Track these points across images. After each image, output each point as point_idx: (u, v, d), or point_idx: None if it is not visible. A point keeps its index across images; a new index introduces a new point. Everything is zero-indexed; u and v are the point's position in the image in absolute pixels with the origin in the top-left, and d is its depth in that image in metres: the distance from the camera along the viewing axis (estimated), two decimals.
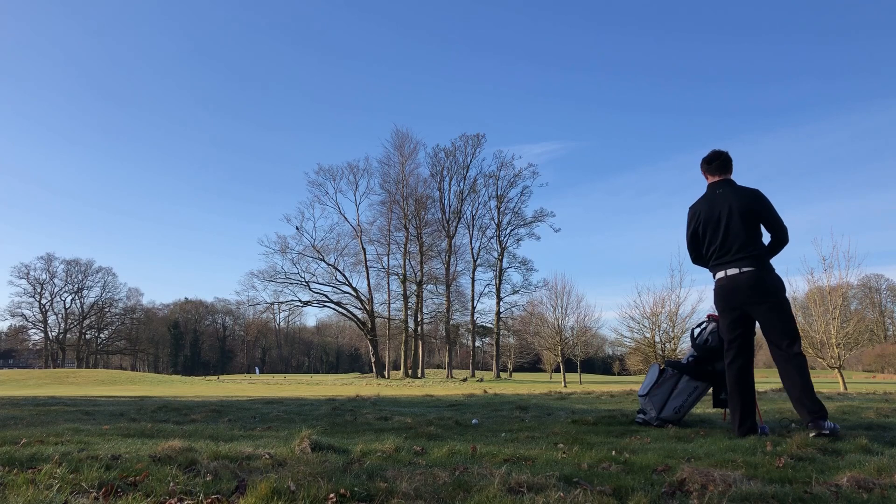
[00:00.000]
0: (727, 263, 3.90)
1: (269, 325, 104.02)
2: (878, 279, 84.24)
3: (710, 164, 4.16)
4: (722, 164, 4.12)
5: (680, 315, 30.92)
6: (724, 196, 3.98)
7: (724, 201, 3.96)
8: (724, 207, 3.93)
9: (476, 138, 56.68)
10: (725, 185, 4.06)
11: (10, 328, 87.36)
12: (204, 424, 4.82)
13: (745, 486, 2.24)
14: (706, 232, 4.01)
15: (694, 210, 4.14)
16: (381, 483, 2.20)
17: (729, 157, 4.15)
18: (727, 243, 3.90)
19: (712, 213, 3.97)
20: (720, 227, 3.92)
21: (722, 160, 4.12)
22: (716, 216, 3.95)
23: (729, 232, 3.89)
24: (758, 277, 3.82)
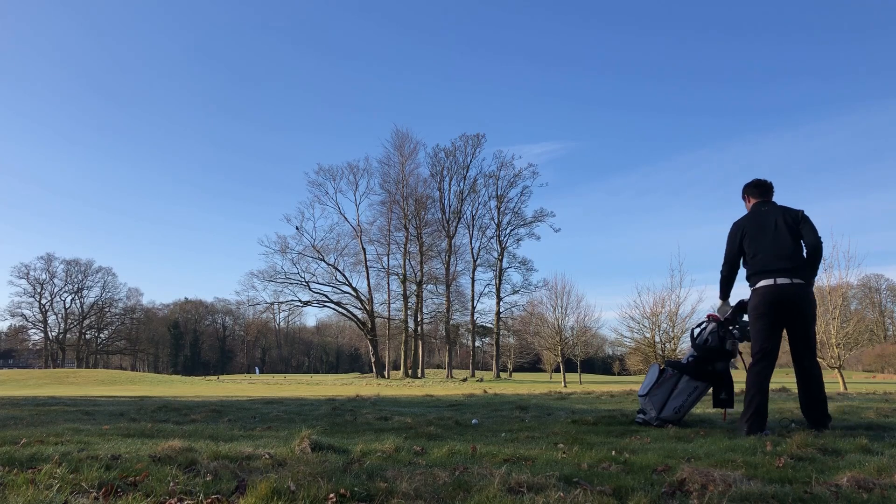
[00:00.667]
0: (776, 272, 4.05)
1: (269, 325, 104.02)
2: (878, 279, 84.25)
3: (755, 188, 4.42)
4: (766, 189, 4.38)
5: (680, 315, 30.93)
6: (771, 211, 4.23)
7: (771, 216, 4.19)
8: (772, 220, 4.16)
9: (476, 138, 56.72)
10: (771, 203, 4.32)
11: (10, 328, 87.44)
12: (204, 424, 4.82)
13: (745, 486, 2.24)
14: (752, 241, 4.17)
15: (738, 225, 4.31)
16: (381, 483, 2.20)
17: (772, 184, 4.43)
18: (776, 252, 4.08)
19: (759, 225, 4.18)
20: (767, 238, 4.12)
21: (766, 186, 4.39)
22: (763, 227, 4.16)
23: (777, 242, 4.08)
24: (806, 291, 4.06)
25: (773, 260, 4.05)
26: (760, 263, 4.09)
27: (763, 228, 4.15)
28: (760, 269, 4.10)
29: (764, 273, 4.07)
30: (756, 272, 4.13)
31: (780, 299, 4.00)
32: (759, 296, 4.08)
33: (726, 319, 4.64)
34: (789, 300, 4.00)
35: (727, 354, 4.60)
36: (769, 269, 4.05)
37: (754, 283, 4.14)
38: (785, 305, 4.01)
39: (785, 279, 3.99)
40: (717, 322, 4.68)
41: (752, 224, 4.22)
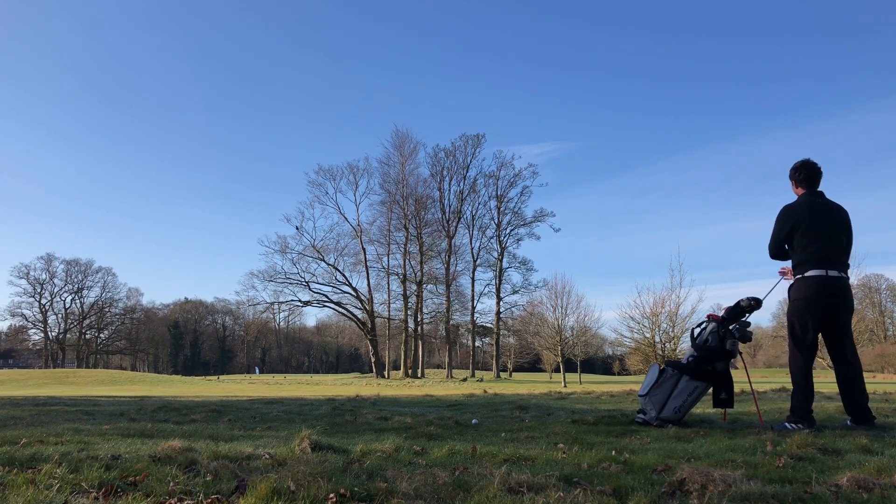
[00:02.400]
0: (831, 264, 4.22)
1: (269, 325, 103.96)
2: (878, 279, 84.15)
3: (806, 180, 4.47)
4: (817, 179, 4.46)
5: (680, 315, 30.97)
6: (827, 206, 4.37)
7: (827, 210, 4.35)
8: (829, 214, 4.32)
9: (476, 138, 56.71)
10: (823, 196, 4.45)
11: (10, 328, 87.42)
12: (204, 424, 4.82)
13: (745, 486, 2.24)
14: (807, 231, 4.27)
15: (792, 211, 4.39)
16: (381, 483, 2.20)
17: (821, 172, 4.49)
18: (831, 246, 4.24)
19: (816, 217, 4.29)
20: (824, 231, 4.27)
21: (817, 175, 4.45)
22: (821, 220, 4.30)
23: (832, 237, 4.27)
24: (849, 288, 4.30)
25: (827, 254, 4.20)
26: (814, 256, 4.22)
27: (821, 221, 4.26)
28: (813, 260, 4.22)
29: (817, 264, 4.21)
30: (808, 263, 4.24)
31: (833, 292, 4.19)
32: (811, 286, 4.21)
33: (725, 319, 4.64)
34: (840, 294, 4.21)
35: (727, 354, 4.59)
36: (823, 261, 4.20)
37: (803, 271, 4.25)
38: (836, 298, 4.20)
39: (836, 272, 4.19)
40: (717, 322, 4.68)
41: (806, 213, 4.30)
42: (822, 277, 4.17)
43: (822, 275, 4.17)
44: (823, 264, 4.18)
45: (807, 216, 4.29)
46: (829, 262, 4.19)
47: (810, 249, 4.23)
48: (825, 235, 4.23)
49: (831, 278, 4.17)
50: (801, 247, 4.27)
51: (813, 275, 4.20)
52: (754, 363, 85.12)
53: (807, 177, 4.46)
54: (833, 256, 4.22)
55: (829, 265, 4.19)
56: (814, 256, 4.21)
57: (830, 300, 4.19)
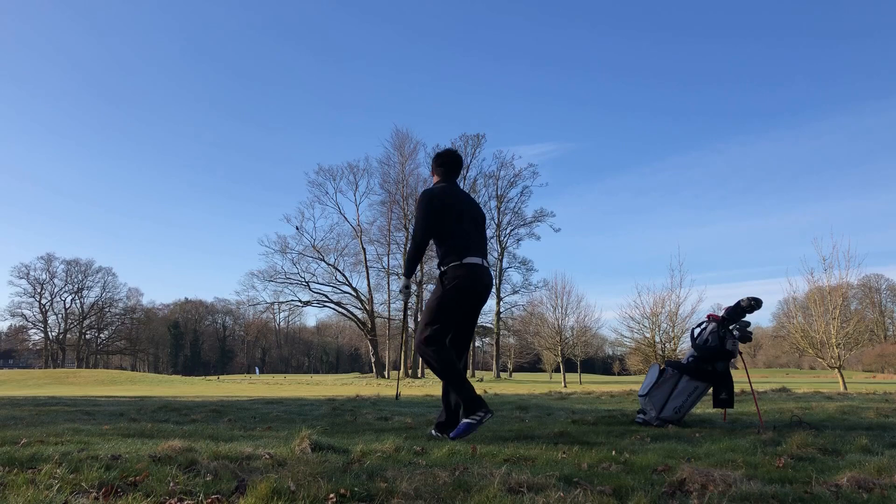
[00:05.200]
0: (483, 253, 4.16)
1: (269, 325, 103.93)
2: (878, 279, 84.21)
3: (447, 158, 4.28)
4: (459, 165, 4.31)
5: (680, 315, 30.94)
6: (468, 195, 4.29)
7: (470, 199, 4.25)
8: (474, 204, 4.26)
9: (476, 138, 56.71)
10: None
11: (10, 328, 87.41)
12: (204, 424, 4.82)
13: (745, 486, 2.24)
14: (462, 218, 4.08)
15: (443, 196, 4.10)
16: (382, 483, 2.20)
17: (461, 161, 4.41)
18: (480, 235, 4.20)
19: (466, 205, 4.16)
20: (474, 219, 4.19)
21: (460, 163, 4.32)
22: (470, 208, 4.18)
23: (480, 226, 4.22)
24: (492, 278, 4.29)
25: (479, 241, 4.10)
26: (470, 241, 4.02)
27: (469, 209, 4.12)
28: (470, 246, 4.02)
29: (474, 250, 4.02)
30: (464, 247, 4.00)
31: (486, 280, 4.05)
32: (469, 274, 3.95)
33: (725, 319, 4.64)
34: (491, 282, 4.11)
35: (727, 354, 4.59)
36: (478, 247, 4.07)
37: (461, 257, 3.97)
38: (488, 287, 4.06)
39: (486, 261, 4.12)
40: (717, 322, 4.68)
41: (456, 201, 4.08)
42: (479, 265, 4.01)
43: (479, 262, 4.01)
44: (479, 252, 4.05)
45: (458, 203, 4.11)
46: (481, 251, 4.08)
47: (466, 236, 4.03)
48: (476, 224, 4.12)
49: (486, 267, 4.06)
50: (460, 233, 4.02)
51: (471, 262, 3.98)
52: (754, 363, 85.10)
53: (449, 164, 4.26)
54: (483, 245, 4.14)
55: (481, 254, 4.07)
56: (470, 244, 4.03)
57: (483, 289, 4.03)
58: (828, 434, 3.90)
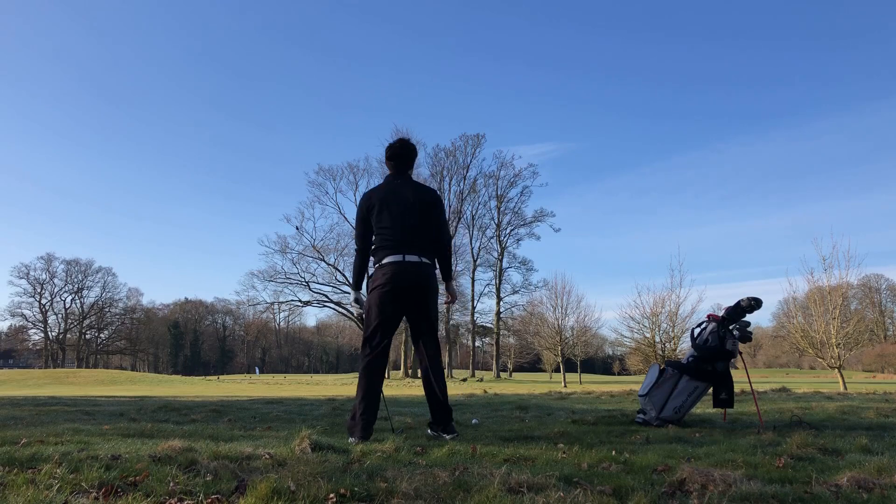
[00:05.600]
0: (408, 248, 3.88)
1: (269, 325, 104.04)
2: (878, 279, 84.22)
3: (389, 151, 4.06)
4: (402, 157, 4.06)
5: (680, 315, 30.95)
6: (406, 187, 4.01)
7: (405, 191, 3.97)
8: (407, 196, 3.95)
9: (476, 138, 56.69)
10: (408, 178, 4.08)
11: (10, 328, 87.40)
12: (204, 424, 4.81)
13: (745, 486, 2.24)
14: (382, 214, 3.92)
15: (370, 193, 4.03)
16: (381, 483, 2.20)
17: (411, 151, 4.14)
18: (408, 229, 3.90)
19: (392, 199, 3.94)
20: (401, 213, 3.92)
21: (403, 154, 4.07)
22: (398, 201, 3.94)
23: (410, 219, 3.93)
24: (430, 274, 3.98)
25: (403, 235, 3.85)
26: (389, 238, 3.85)
27: (395, 203, 3.89)
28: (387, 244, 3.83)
29: (392, 247, 3.83)
30: (383, 247, 3.86)
31: (410, 277, 3.81)
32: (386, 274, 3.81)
33: (725, 319, 4.64)
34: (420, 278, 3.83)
35: (727, 354, 4.59)
36: (399, 243, 3.82)
37: (381, 258, 3.87)
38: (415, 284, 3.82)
39: (414, 256, 3.83)
40: (717, 322, 4.68)
41: (381, 196, 3.92)
42: (399, 262, 3.80)
43: (400, 260, 3.80)
44: (405, 248, 3.81)
45: (388, 199, 3.91)
46: (409, 246, 3.82)
47: (391, 234, 3.85)
48: (409, 216, 3.86)
49: (409, 262, 3.81)
50: (384, 233, 3.88)
51: (389, 261, 3.82)
52: (754, 363, 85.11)
53: (398, 156, 4.07)
54: (416, 237, 3.85)
55: (409, 248, 3.82)
56: (395, 241, 3.83)
57: (407, 284, 3.80)
58: (828, 434, 3.90)
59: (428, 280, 3.88)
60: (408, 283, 3.81)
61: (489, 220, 58.03)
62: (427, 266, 3.88)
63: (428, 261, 3.90)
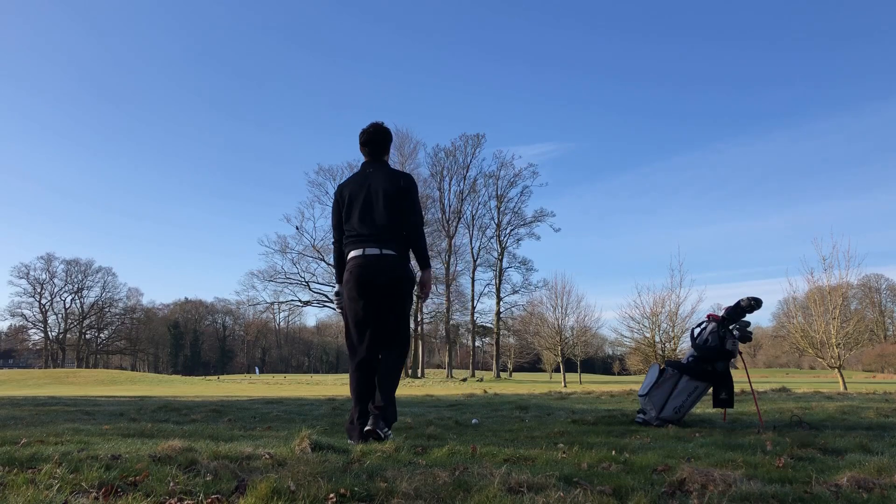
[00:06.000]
0: (370, 241, 3.75)
1: (269, 325, 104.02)
2: (878, 279, 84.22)
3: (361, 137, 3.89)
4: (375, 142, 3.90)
5: (680, 315, 30.96)
6: (375, 176, 3.84)
7: (372, 180, 3.81)
8: (373, 186, 3.80)
9: (476, 138, 56.71)
10: (382, 166, 3.93)
11: (10, 328, 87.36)
12: (204, 424, 4.82)
13: (745, 486, 2.24)
14: (349, 206, 3.82)
15: (340, 185, 3.93)
16: (381, 483, 2.20)
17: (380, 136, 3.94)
18: (370, 221, 3.77)
19: (358, 189, 3.81)
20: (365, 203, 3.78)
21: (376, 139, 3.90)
22: (363, 192, 3.81)
23: (373, 210, 3.78)
24: (398, 267, 3.78)
25: (364, 228, 3.70)
26: (351, 231, 3.75)
27: (360, 193, 3.75)
28: (349, 238, 3.75)
29: (354, 242, 3.72)
30: (347, 242, 3.78)
31: (372, 271, 3.65)
32: (350, 270, 3.70)
33: (725, 319, 4.64)
34: (381, 272, 3.66)
35: (727, 354, 4.60)
36: (360, 237, 3.69)
37: (346, 253, 3.77)
38: (377, 278, 3.65)
39: (375, 249, 3.66)
40: (717, 322, 4.68)
41: (349, 188, 3.81)
42: (360, 257, 3.66)
43: (360, 254, 3.67)
44: (366, 241, 3.67)
45: (354, 190, 3.78)
46: (371, 239, 3.66)
47: (355, 228, 3.73)
48: (373, 205, 3.70)
49: (370, 256, 3.65)
50: (349, 228, 3.76)
51: (352, 256, 3.71)
52: (754, 363, 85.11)
53: (371, 142, 3.88)
54: (379, 228, 3.67)
55: (369, 241, 3.66)
56: (358, 235, 3.71)
57: (371, 277, 3.63)
58: (828, 434, 3.90)
59: (390, 273, 3.65)
60: (368, 278, 3.63)
61: (489, 220, 58.10)
62: (390, 258, 3.67)
63: (393, 252, 3.68)
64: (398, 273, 3.69)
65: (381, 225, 3.69)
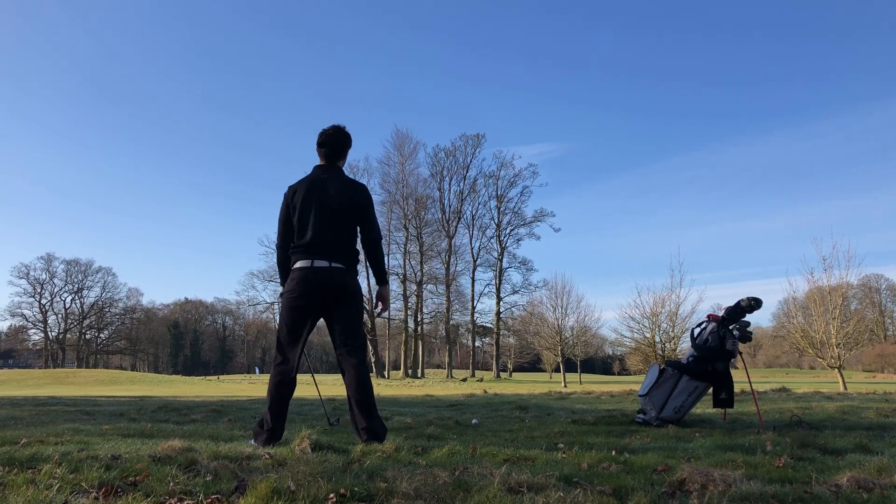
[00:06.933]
0: (319, 253, 3.63)
1: (269, 325, 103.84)
2: (878, 279, 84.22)
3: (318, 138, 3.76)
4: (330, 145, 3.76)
5: (680, 315, 30.97)
6: (331, 183, 3.72)
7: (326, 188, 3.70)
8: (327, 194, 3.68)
9: (476, 138, 56.78)
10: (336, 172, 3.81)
11: (10, 328, 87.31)
12: (204, 424, 4.82)
13: (745, 486, 2.24)
14: (300, 214, 3.69)
15: (290, 190, 3.79)
16: (381, 483, 2.20)
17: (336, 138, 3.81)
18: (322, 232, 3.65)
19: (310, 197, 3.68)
20: (317, 213, 3.67)
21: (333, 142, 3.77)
22: (315, 200, 3.69)
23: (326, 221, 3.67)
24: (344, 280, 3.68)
25: (314, 239, 3.59)
26: (301, 241, 3.63)
27: (312, 202, 3.64)
28: (298, 248, 3.64)
29: (302, 252, 3.62)
30: (294, 250, 3.67)
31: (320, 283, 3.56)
32: (294, 280, 3.61)
33: (725, 319, 4.64)
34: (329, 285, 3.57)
35: (727, 354, 4.60)
36: (309, 248, 3.60)
37: (293, 262, 3.67)
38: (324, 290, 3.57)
39: (324, 262, 3.56)
40: (717, 322, 4.68)
41: (301, 194, 3.68)
42: (307, 268, 3.56)
43: (308, 265, 3.56)
44: (314, 252, 3.57)
45: (306, 196, 3.65)
46: (319, 250, 3.57)
47: (303, 236, 3.63)
48: (324, 214, 3.61)
49: (316, 268, 3.55)
50: (299, 235, 3.65)
51: (298, 267, 3.61)
52: (754, 363, 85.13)
53: (327, 144, 3.75)
54: (329, 240, 3.58)
55: (318, 253, 3.57)
56: (306, 244, 3.60)
57: (316, 289, 3.54)
58: (828, 434, 3.90)
59: (337, 287, 3.57)
60: (313, 290, 3.55)
61: (489, 220, 58.16)
62: (338, 271, 3.58)
63: (341, 266, 3.60)
64: (346, 286, 3.62)
65: (333, 238, 3.61)
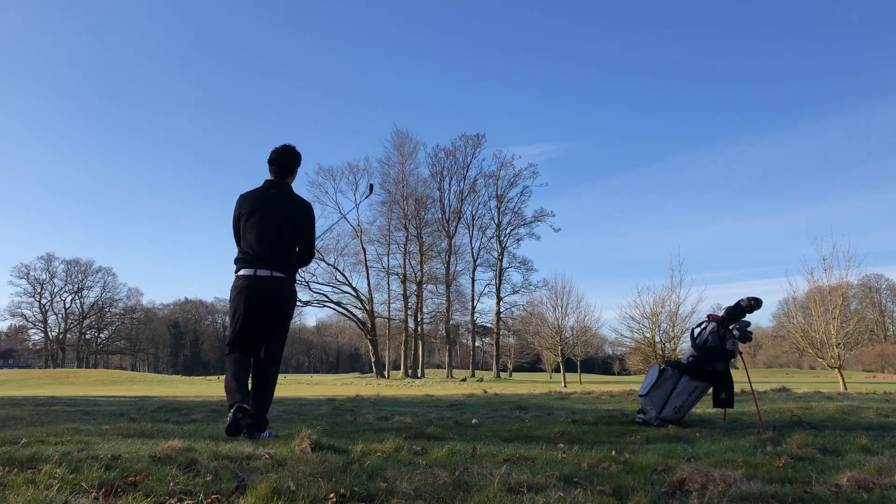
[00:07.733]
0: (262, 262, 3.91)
1: None
2: (878, 279, 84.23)
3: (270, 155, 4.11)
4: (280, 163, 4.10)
5: (680, 315, 30.99)
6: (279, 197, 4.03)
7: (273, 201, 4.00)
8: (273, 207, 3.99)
9: (476, 138, 56.77)
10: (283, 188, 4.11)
11: (10, 328, 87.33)
12: (204, 424, 4.82)
13: (745, 486, 2.24)
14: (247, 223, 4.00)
15: (240, 199, 4.07)
16: (381, 483, 2.20)
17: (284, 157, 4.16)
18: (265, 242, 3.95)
19: (258, 208, 3.98)
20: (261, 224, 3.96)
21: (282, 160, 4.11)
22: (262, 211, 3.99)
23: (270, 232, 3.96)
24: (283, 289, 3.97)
25: (258, 249, 3.85)
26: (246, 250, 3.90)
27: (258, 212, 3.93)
28: (242, 256, 3.92)
29: (245, 261, 3.88)
30: (238, 258, 3.95)
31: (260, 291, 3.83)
32: (237, 286, 3.88)
33: (725, 319, 4.64)
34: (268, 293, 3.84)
35: (727, 354, 4.60)
36: (253, 257, 3.85)
37: (237, 269, 3.93)
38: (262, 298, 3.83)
39: (266, 271, 3.83)
40: (717, 322, 4.69)
41: (248, 205, 3.96)
42: (250, 277, 3.82)
43: (251, 274, 3.82)
44: (257, 262, 3.83)
45: (252, 208, 3.93)
46: (262, 260, 3.82)
47: (249, 245, 3.88)
48: (267, 226, 3.87)
49: (258, 277, 3.81)
50: (243, 243, 3.93)
51: (241, 275, 3.86)
52: (754, 363, 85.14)
53: (275, 162, 4.06)
54: (272, 251, 3.84)
55: (260, 263, 3.82)
56: (250, 253, 3.86)
57: (255, 298, 3.80)
58: (828, 434, 3.90)
59: (277, 294, 3.86)
60: (255, 297, 3.81)
61: (489, 220, 58.15)
62: (279, 280, 3.87)
63: (282, 275, 3.88)
64: (285, 295, 3.94)
65: (276, 249, 3.88)
